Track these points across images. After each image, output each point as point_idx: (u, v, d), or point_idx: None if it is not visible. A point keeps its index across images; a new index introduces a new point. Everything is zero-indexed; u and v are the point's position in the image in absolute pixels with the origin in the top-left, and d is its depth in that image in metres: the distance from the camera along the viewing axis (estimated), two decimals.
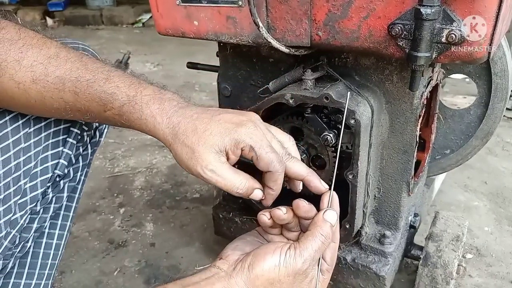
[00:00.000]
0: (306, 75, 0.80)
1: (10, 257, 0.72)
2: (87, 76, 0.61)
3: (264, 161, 0.59)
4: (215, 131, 0.58)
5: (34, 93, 0.61)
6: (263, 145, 0.59)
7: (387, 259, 0.94)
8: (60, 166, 0.75)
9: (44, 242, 0.80)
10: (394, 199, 0.93)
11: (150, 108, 0.60)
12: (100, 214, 1.59)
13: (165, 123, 0.59)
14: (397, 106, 0.83)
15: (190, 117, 0.59)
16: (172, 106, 0.60)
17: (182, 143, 0.58)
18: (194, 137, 0.58)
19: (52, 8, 5.50)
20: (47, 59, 0.61)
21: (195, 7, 0.83)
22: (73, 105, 0.62)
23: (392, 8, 0.65)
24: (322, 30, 0.74)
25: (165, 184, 1.78)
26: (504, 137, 2.06)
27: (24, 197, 0.70)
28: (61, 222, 0.82)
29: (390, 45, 0.68)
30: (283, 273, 0.54)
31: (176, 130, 0.59)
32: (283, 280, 0.54)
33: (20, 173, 0.68)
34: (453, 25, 0.62)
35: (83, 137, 0.78)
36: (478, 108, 1.06)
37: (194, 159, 0.58)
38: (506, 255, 1.32)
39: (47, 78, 0.60)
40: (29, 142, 0.69)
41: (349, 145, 0.82)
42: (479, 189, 1.66)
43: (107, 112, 0.61)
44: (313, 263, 0.57)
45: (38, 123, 0.70)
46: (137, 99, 0.60)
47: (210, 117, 0.60)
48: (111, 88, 0.61)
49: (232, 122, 0.60)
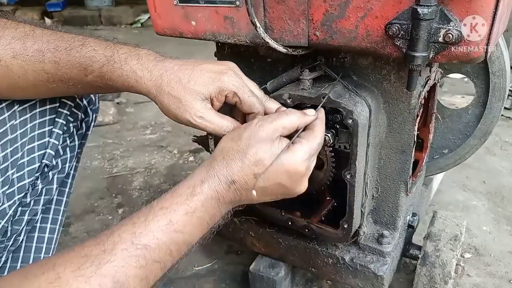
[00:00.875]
0: (304, 75, 0.80)
1: (2, 251, 0.73)
2: (64, 45, 0.64)
3: (247, 104, 0.66)
4: (199, 80, 0.62)
5: (17, 69, 0.63)
6: (245, 90, 0.66)
7: (385, 258, 0.94)
8: (47, 156, 0.76)
9: (36, 236, 0.81)
10: (392, 198, 0.93)
11: (129, 64, 0.63)
12: (99, 214, 1.59)
13: (147, 77, 0.62)
14: (395, 105, 0.83)
15: (171, 69, 0.63)
16: (151, 60, 0.64)
17: (168, 94, 0.62)
18: (180, 88, 0.62)
19: (50, 9, 5.50)
20: (24, 35, 0.63)
21: (192, 7, 0.83)
22: (55, 74, 0.64)
23: (389, 8, 0.65)
24: (319, 30, 0.74)
25: (164, 184, 1.77)
26: (503, 137, 2.06)
27: (12, 187, 0.71)
28: (53, 216, 0.83)
29: (388, 45, 0.68)
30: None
31: (160, 82, 0.62)
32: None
33: (7, 164, 0.69)
34: (450, 24, 0.62)
35: (69, 128, 0.80)
36: (476, 107, 1.06)
37: (183, 108, 0.62)
38: (504, 254, 1.32)
39: (27, 52, 0.63)
40: (16, 133, 0.70)
41: (347, 145, 0.82)
42: (478, 189, 1.66)
43: (88, 77, 0.64)
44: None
45: (24, 114, 0.72)
46: (115, 58, 0.63)
47: (192, 67, 0.64)
48: (88, 52, 0.63)
49: (213, 71, 0.64)
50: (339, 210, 0.90)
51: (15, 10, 5.52)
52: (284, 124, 0.63)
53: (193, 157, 1.99)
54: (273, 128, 0.62)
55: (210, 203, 0.58)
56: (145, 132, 2.32)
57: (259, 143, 0.60)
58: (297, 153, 0.61)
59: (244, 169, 0.59)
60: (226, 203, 0.60)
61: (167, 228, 0.54)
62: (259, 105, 0.68)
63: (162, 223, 0.54)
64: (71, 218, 1.55)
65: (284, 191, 0.63)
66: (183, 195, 0.58)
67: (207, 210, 0.58)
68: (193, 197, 0.58)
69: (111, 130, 2.34)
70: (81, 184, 1.77)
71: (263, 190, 0.61)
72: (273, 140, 0.61)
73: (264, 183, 0.60)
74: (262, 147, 0.60)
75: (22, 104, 0.71)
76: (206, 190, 0.58)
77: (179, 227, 0.55)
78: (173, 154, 2.04)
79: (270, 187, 0.61)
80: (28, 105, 0.72)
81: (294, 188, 0.63)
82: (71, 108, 0.79)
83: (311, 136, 0.65)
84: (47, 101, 0.75)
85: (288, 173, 0.60)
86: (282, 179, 0.61)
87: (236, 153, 0.60)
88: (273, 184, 0.61)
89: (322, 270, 1.00)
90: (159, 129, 2.34)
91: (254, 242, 1.09)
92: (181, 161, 1.97)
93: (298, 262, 1.05)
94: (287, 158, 0.60)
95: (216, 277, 1.27)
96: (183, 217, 0.56)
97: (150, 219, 0.55)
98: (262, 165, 0.59)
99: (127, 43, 0.68)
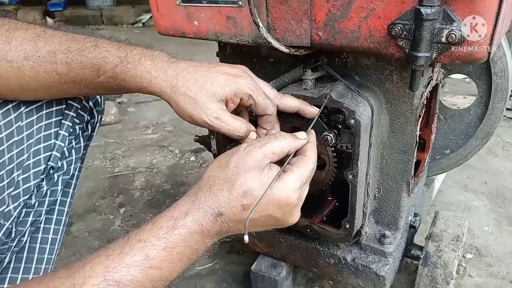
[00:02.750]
0: (306, 75, 0.80)
1: (6, 251, 0.73)
2: (77, 46, 0.63)
3: (262, 107, 0.67)
4: (216, 82, 0.63)
5: (28, 70, 0.63)
6: (260, 93, 0.66)
7: (387, 259, 0.94)
8: (53, 158, 0.76)
9: (40, 237, 0.81)
10: (394, 199, 0.93)
11: (143, 64, 0.62)
12: (100, 214, 1.59)
13: (161, 77, 0.62)
14: (397, 106, 0.83)
15: (186, 69, 0.63)
16: (165, 61, 0.64)
17: (184, 95, 0.62)
18: (196, 88, 0.62)
19: (52, 8, 5.51)
20: (35, 36, 0.63)
21: (195, 7, 0.83)
22: (66, 75, 0.64)
23: (392, 8, 0.65)
24: (322, 30, 0.74)
25: (165, 184, 1.78)
26: (504, 137, 2.06)
27: (17, 189, 0.71)
28: (57, 217, 0.83)
29: (390, 45, 0.68)
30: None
31: (175, 83, 0.62)
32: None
33: (13, 165, 0.69)
34: (453, 25, 0.62)
35: (75, 130, 0.80)
36: (478, 108, 1.06)
37: (199, 109, 0.62)
38: (506, 255, 1.32)
39: (38, 53, 0.62)
40: (22, 135, 0.70)
41: (349, 145, 0.82)
42: (479, 189, 1.66)
43: (100, 77, 0.64)
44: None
45: (30, 116, 0.71)
46: (129, 58, 0.63)
47: (207, 69, 0.64)
48: (101, 53, 0.63)
49: (229, 73, 0.65)
50: (341, 210, 0.90)
51: (16, 9, 5.52)
52: (273, 149, 0.61)
53: (194, 157, 1.99)
54: (262, 154, 0.59)
55: (193, 237, 0.55)
56: (146, 131, 2.32)
57: (247, 172, 0.57)
58: (288, 183, 0.59)
59: (232, 201, 0.56)
60: (211, 236, 0.57)
61: (143, 264, 0.51)
62: (272, 107, 0.69)
63: (138, 257, 0.51)
64: (73, 218, 1.56)
65: (275, 222, 0.61)
66: (163, 228, 0.54)
67: (189, 245, 0.55)
68: (174, 231, 0.54)
69: (113, 130, 2.34)
70: (83, 184, 1.77)
71: (253, 222, 0.58)
72: (262, 169, 0.58)
73: (254, 215, 0.57)
74: (251, 176, 0.57)
75: (28, 106, 0.70)
76: (189, 223, 0.55)
77: (156, 263, 0.52)
78: (174, 154, 2.04)
79: (261, 219, 0.59)
80: (35, 106, 0.72)
81: (286, 220, 0.61)
82: (77, 110, 0.79)
83: (302, 162, 0.63)
84: (53, 103, 0.75)
85: (279, 204, 0.58)
86: (272, 211, 0.58)
87: (223, 183, 0.57)
88: (263, 216, 0.58)
89: (324, 270, 1.00)
90: (161, 128, 2.34)
91: (255, 242, 1.09)
92: (182, 161, 1.97)
93: (299, 262, 1.05)
94: (278, 189, 0.58)
95: (217, 277, 1.28)
96: (162, 252, 0.52)
97: (125, 252, 0.51)
98: (251, 195, 0.56)
99: (139, 44, 0.68)
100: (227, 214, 0.56)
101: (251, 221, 0.57)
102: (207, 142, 1.13)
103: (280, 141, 0.62)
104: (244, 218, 0.56)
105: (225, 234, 0.60)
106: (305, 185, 0.62)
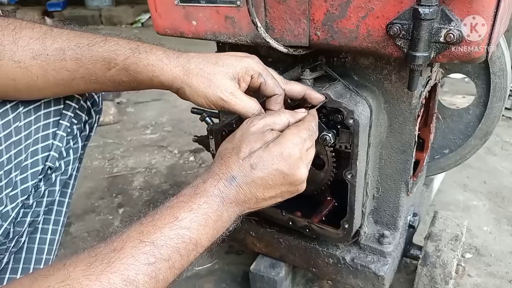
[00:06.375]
0: (304, 75, 0.80)
1: (4, 252, 0.73)
2: (86, 42, 0.64)
3: (271, 86, 0.69)
4: (227, 62, 0.66)
5: (36, 69, 0.63)
6: (268, 73, 0.69)
7: (386, 259, 0.94)
8: (51, 158, 0.76)
9: (38, 237, 0.80)
10: (393, 199, 0.93)
11: (156, 53, 0.65)
12: (99, 214, 1.59)
13: (174, 63, 0.65)
14: (396, 105, 0.83)
15: (196, 56, 0.66)
16: (175, 52, 0.67)
17: (198, 75, 0.65)
18: (209, 68, 0.65)
19: (51, 8, 5.51)
20: (42, 34, 0.63)
21: (193, 7, 0.83)
22: (76, 71, 0.65)
23: (390, 8, 0.65)
24: (320, 30, 0.74)
25: (164, 184, 1.78)
26: (503, 137, 2.06)
27: (15, 190, 0.71)
28: (55, 217, 0.83)
29: (389, 45, 0.68)
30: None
31: (187, 66, 0.65)
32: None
33: (11, 166, 0.69)
34: (451, 24, 0.62)
35: (73, 130, 0.80)
36: (477, 107, 1.06)
37: (214, 86, 0.64)
38: (505, 254, 1.32)
39: (46, 51, 0.63)
40: (20, 135, 0.70)
41: (348, 145, 0.82)
42: (478, 189, 1.66)
43: (111, 70, 0.65)
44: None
45: (28, 116, 0.71)
46: (141, 49, 0.65)
47: (217, 55, 0.68)
48: (112, 46, 0.64)
49: (238, 55, 0.69)
50: (340, 210, 0.90)
51: (15, 9, 5.52)
52: (274, 120, 0.66)
53: (193, 157, 1.99)
54: (264, 123, 0.65)
55: (214, 201, 0.59)
56: (145, 132, 2.32)
57: (250, 136, 0.63)
58: (287, 136, 0.63)
59: (240, 162, 0.61)
60: (231, 203, 0.60)
61: (174, 225, 0.55)
62: (280, 88, 0.71)
63: (168, 219, 0.55)
64: (72, 218, 1.55)
65: (285, 179, 0.63)
66: (186, 195, 0.59)
67: (212, 208, 0.58)
68: (196, 195, 0.59)
69: (112, 130, 2.34)
70: (82, 184, 1.77)
71: (264, 182, 0.61)
72: (263, 132, 0.64)
73: (262, 172, 0.61)
74: (254, 138, 0.63)
75: (27, 106, 0.70)
76: (208, 187, 0.59)
77: (185, 223, 0.56)
78: (173, 154, 2.04)
79: (270, 177, 0.61)
80: (33, 107, 0.71)
81: (294, 173, 0.63)
82: (75, 110, 0.79)
83: (300, 123, 0.67)
84: (51, 103, 0.75)
85: (282, 156, 0.61)
86: (278, 164, 0.61)
87: (231, 150, 0.63)
88: (271, 171, 0.61)
89: (323, 270, 1.00)
90: (160, 129, 2.34)
91: (254, 242, 1.09)
92: (181, 161, 1.97)
93: (298, 262, 1.04)
94: (279, 142, 0.62)
95: (216, 277, 1.27)
96: (189, 214, 0.57)
97: (156, 218, 0.56)
98: (256, 154, 0.61)
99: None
100: (239, 176, 0.60)
101: (262, 184, 0.61)
102: (206, 142, 1.13)
103: (280, 114, 0.68)
104: (255, 178, 0.61)
105: (244, 204, 0.62)
106: (306, 141, 0.65)
